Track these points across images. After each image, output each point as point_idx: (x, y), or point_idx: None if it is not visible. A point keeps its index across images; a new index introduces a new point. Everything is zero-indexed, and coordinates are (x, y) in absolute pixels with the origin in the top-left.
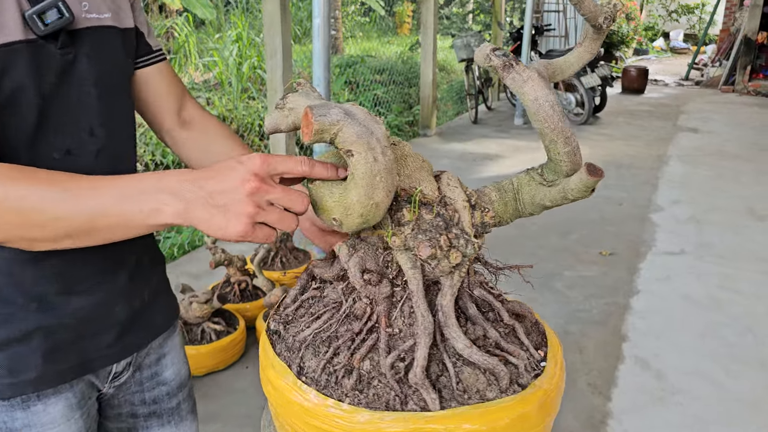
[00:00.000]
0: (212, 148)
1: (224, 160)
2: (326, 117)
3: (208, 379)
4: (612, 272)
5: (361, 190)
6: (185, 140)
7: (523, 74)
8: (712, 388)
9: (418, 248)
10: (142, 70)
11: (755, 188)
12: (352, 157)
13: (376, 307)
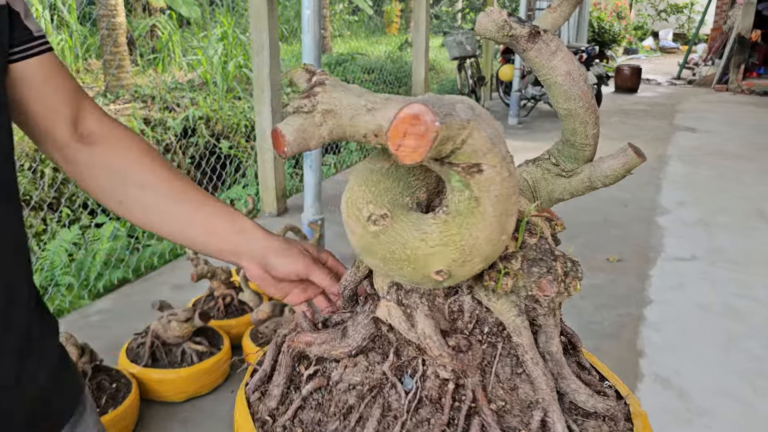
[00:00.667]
0: (125, 171)
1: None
2: (454, 117)
3: (189, 405)
4: (622, 280)
5: (491, 221)
6: (85, 161)
7: (551, 44)
8: (741, 408)
9: (540, 286)
10: (19, 64)
11: (761, 189)
12: (480, 174)
13: (465, 379)
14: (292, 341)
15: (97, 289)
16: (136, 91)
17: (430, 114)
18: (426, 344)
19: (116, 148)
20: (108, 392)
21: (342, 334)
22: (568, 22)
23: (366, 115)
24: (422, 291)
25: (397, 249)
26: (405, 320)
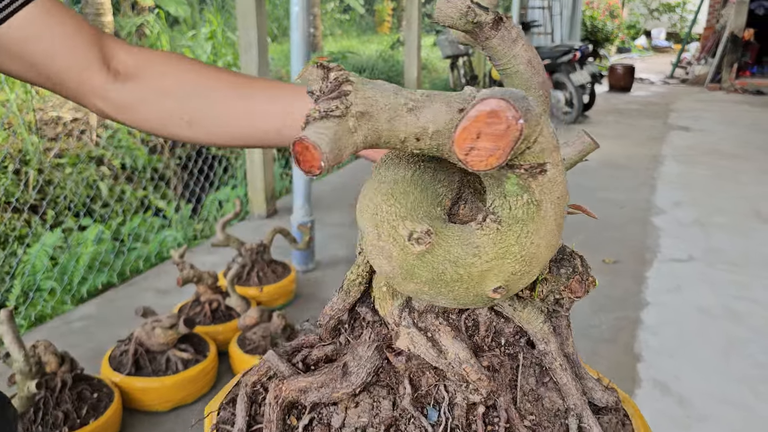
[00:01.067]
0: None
1: None
2: (532, 111)
3: (174, 414)
4: (618, 282)
5: (553, 225)
6: (136, 97)
7: (512, 32)
8: (742, 415)
9: (570, 287)
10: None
11: (757, 188)
12: (543, 175)
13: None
14: (281, 390)
15: (81, 294)
16: None
17: (512, 110)
18: (463, 370)
19: (162, 71)
20: (89, 402)
21: (343, 372)
22: (561, 20)
23: (407, 115)
24: (437, 310)
25: (448, 269)
26: (431, 347)
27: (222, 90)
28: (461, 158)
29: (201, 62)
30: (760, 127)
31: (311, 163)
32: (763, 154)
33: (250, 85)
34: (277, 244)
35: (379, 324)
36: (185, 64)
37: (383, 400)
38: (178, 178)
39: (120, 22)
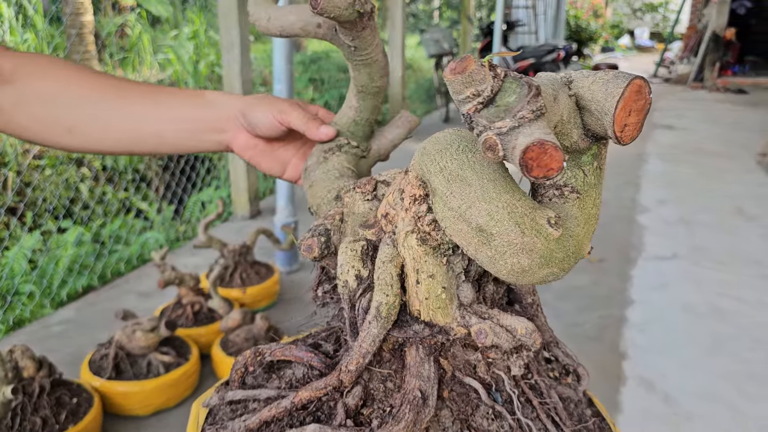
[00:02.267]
0: (63, 92)
1: None
2: None
3: (155, 419)
4: (604, 281)
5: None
6: (11, 101)
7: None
8: (729, 412)
9: None
10: None
11: (740, 187)
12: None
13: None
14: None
15: (60, 297)
16: None
17: (647, 86)
18: (535, 339)
19: (42, 74)
20: (68, 407)
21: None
22: (545, 20)
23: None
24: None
25: (570, 243)
26: (504, 331)
27: (104, 95)
28: (618, 135)
29: (85, 67)
30: (743, 126)
31: (550, 164)
32: (745, 153)
33: (132, 90)
34: (260, 245)
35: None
36: (67, 69)
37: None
38: (160, 179)
39: (101, 21)
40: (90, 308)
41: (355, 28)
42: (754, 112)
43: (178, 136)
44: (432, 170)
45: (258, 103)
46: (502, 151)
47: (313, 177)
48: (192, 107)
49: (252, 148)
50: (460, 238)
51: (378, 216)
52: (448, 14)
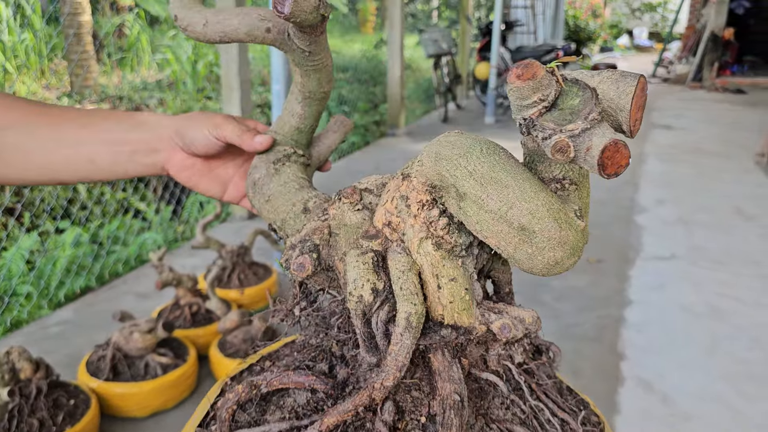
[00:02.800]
0: None
1: None
2: None
3: (153, 421)
4: (602, 281)
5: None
6: None
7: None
8: (728, 413)
9: None
10: None
11: (738, 187)
12: None
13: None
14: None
15: (58, 298)
16: (103, 91)
17: (646, 83)
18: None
19: None
20: (65, 409)
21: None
22: (544, 20)
23: None
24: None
25: (587, 231)
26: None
27: (26, 121)
28: (631, 130)
29: (5, 94)
30: (741, 126)
31: (621, 162)
32: (744, 152)
33: (59, 114)
34: (258, 246)
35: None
36: None
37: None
38: (158, 180)
39: (99, 21)
40: (88, 309)
41: (315, 32)
42: (752, 112)
43: (112, 160)
44: (459, 175)
45: (192, 120)
46: (574, 152)
47: (268, 191)
48: (125, 129)
49: (188, 168)
50: (499, 239)
51: (378, 225)
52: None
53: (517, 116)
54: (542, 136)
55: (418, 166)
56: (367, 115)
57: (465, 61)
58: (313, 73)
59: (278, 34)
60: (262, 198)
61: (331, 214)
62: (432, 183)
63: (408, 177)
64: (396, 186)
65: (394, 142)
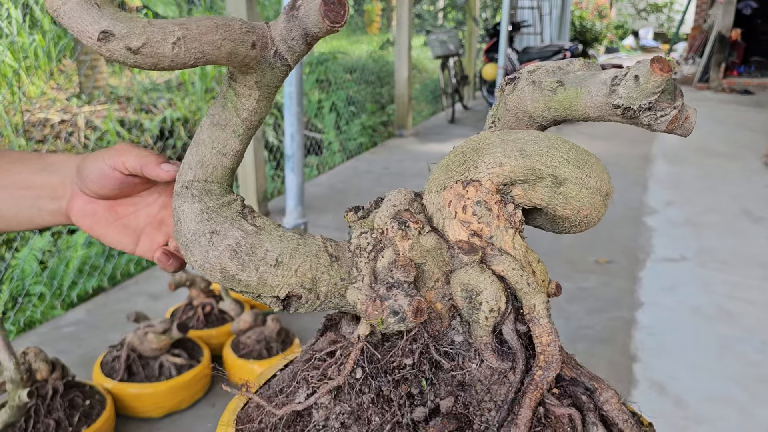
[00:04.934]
0: None
1: None
2: None
3: (168, 420)
4: (612, 282)
5: None
6: None
7: None
8: (739, 415)
9: None
10: None
11: (746, 187)
12: None
13: None
14: None
15: (71, 298)
16: (112, 92)
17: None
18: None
19: None
20: (81, 409)
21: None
22: (550, 21)
23: None
24: None
25: None
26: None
27: None
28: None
29: None
30: (748, 126)
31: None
32: (751, 153)
33: (12, 159)
34: None
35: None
36: None
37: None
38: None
39: None
40: (100, 309)
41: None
42: (759, 113)
43: (15, 207)
44: (557, 164)
45: (94, 154)
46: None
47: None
48: (31, 171)
49: (90, 215)
50: (589, 209)
51: (467, 239)
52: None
53: (639, 102)
54: (660, 114)
55: (495, 167)
56: (375, 115)
57: (472, 61)
58: (270, 97)
59: (261, 50)
60: (265, 264)
61: (402, 246)
62: (515, 179)
63: (475, 182)
64: (458, 194)
65: (402, 143)
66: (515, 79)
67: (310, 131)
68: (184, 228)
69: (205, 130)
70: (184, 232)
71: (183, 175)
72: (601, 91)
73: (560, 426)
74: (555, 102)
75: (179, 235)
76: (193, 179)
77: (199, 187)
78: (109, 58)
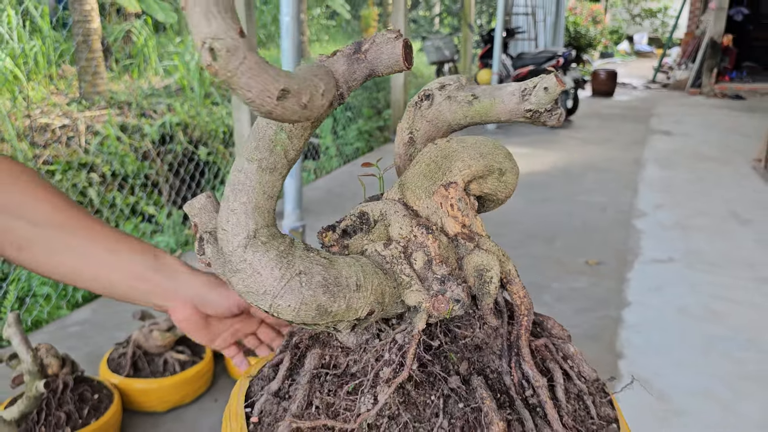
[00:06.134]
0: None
1: None
2: None
3: (172, 415)
4: (601, 283)
5: None
6: None
7: None
8: (719, 409)
9: None
10: None
11: (735, 191)
12: None
13: None
14: None
15: (76, 299)
16: (112, 97)
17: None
18: None
19: (6, 185)
20: (90, 403)
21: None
22: (544, 27)
23: None
24: None
25: None
26: None
27: (64, 226)
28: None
29: (50, 186)
30: (739, 131)
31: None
32: (741, 158)
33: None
34: None
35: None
36: (29, 182)
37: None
38: (170, 185)
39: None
40: (105, 309)
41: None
42: (750, 118)
43: (127, 291)
44: (501, 160)
45: (218, 286)
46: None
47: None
48: (147, 268)
49: (191, 321)
50: (513, 189)
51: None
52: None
53: (545, 107)
54: (554, 114)
55: (465, 168)
56: (371, 120)
57: (467, 67)
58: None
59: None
60: (349, 291)
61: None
62: (476, 176)
63: (453, 183)
64: (443, 196)
65: None
66: (430, 96)
67: None
68: (267, 278)
69: (252, 175)
70: (267, 282)
71: (243, 226)
72: (513, 100)
73: (543, 352)
74: (472, 111)
75: (260, 287)
76: (256, 227)
77: (265, 234)
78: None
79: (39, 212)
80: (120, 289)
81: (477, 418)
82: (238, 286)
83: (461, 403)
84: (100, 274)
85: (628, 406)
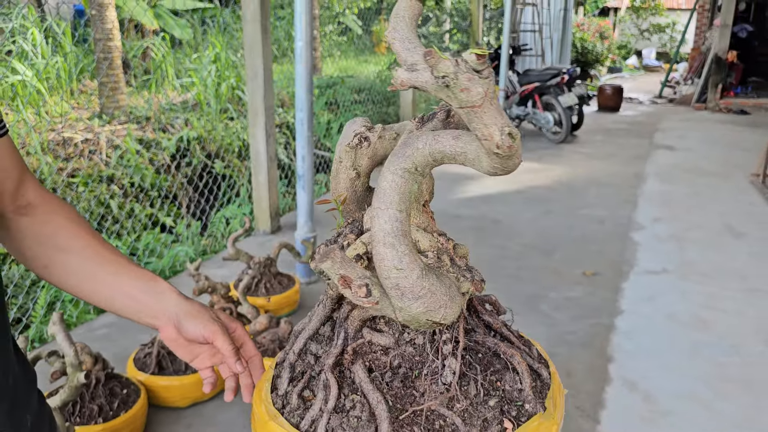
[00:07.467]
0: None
1: None
2: None
3: (192, 410)
4: (596, 292)
5: None
6: (19, 229)
7: None
8: (702, 410)
9: None
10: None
11: (732, 205)
12: None
13: None
14: None
15: None
16: (131, 112)
17: None
18: None
19: (47, 218)
20: (119, 397)
21: None
22: (551, 43)
23: None
24: None
25: None
26: None
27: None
28: None
29: (84, 222)
30: (741, 146)
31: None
32: (740, 172)
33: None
34: (282, 258)
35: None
36: (67, 219)
37: None
38: (190, 198)
39: (126, 44)
40: None
41: None
42: (753, 133)
43: (123, 309)
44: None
45: (195, 316)
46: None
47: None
48: (142, 291)
49: (174, 340)
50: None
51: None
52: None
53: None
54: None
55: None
56: None
57: None
58: None
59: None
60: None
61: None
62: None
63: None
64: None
65: None
66: (367, 138)
67: (320, 150)
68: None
69: (405, 223)
70: (442, 300)
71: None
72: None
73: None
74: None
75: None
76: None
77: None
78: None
79: (65, 241)
80: (116, 306)
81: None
82: (419, 309)
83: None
84: (103, 293)
85: (617, 406)
